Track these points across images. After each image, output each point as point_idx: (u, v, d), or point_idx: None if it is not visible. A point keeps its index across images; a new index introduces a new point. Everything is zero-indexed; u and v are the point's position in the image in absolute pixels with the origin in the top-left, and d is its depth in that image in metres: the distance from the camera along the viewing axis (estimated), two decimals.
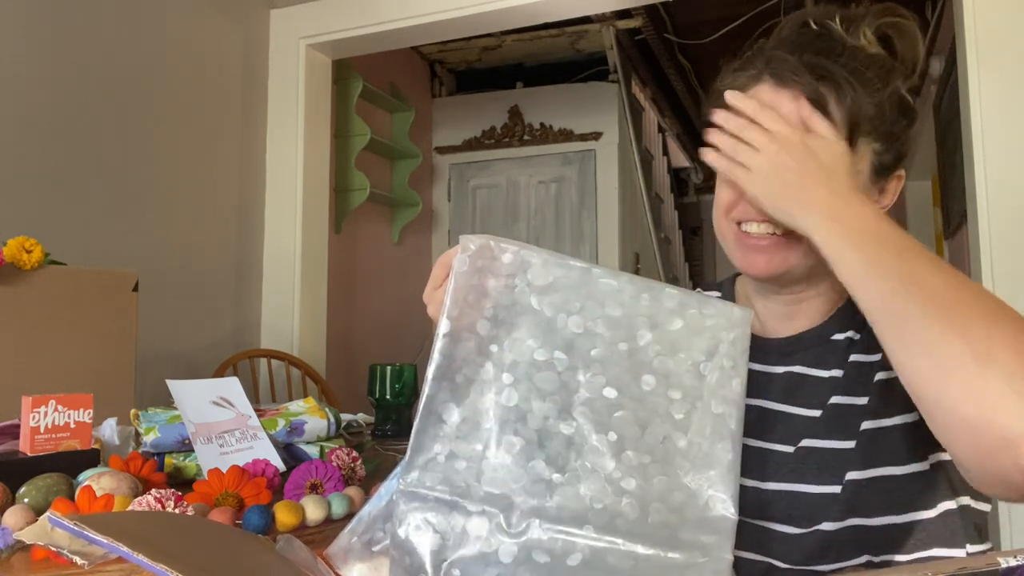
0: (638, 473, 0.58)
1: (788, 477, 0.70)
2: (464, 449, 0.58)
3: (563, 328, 0.61)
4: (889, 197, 0.75)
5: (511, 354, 0.60)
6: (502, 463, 0.58)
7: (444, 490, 0.57)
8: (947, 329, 0.53)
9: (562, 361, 0.60)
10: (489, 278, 0.61)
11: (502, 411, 0.59)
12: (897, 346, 0.56)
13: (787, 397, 0.73)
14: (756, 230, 0.71)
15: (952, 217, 3.44)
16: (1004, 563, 0.38)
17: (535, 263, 0.62)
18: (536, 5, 2.50)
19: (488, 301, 0.61)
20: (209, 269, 2.56)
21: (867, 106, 0.68)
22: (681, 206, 5.81)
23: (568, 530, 0.56)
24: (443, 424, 0.59)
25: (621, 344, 0.61)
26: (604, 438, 0.58)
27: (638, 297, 0.62)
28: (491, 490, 0.57)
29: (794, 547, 0.69)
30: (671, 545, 0.56)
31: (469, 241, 0.61)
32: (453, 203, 4.13)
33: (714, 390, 0.60)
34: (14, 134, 1.91)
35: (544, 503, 0.57)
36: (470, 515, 0.57)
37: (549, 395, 0.59)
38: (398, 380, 1.45)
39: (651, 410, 0.59)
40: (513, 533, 0.56)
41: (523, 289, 0.61)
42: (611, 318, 0.61)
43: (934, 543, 0.67)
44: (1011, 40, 1.87)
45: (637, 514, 0.57)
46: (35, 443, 0.88)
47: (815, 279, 0.73)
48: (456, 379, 0.60)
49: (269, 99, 2.86)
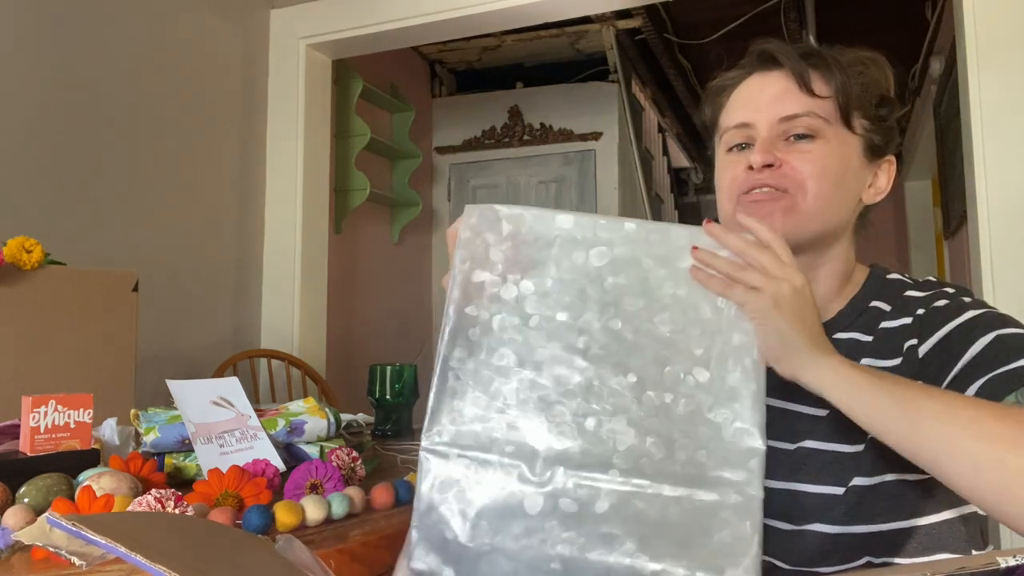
0: (661, 412, 0.57)
1: (787, 476, 0.70)
2: (483, 403, 0.59)
3: (573, 277, 0.61)
4: (884, 180, 0.77)
5: (523, 306, 0.61)
6: (522, 413, 0.58)
7: (467, 444, 0.58)
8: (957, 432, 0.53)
9: (575, 307, 0.60)
10: (492, 237, 0.62)
11: (518, 362, 0.59)
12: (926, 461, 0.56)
13: (787, 394, 0.73)
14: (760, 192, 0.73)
15: (952, 217, 3.44)
16: (1004, 563, 0.38)
17: (537, 218, 0.63)
18: (536, 5, 2.50)
19: (494, 258, 0.62)
20: (209, 269, 2.55)
21: (853, 85, 0.72)
22: (681, 206, 5.81)
23: (593, 475, 0.56)
24: (460, 380, 0.60)
25: (635, 284, 0.60)
26: (624, 380, 0.58)
27: (647, 237, 0.62)
28: (513, 441, 0.57)
29: (791, 546, 0.69)
30: (699, 484, 0.55)
31: (472, 208, 0.64)
32: (453, 203, 4.13)
33: (733, 322, 0.60)
34: (14, 134, 1.91)
35: (568, 450, 0.56)
36: (494, 467, 0.57)
37: (564, 342, 0.59)
38: (398, 380, 1.44)
39: (670, 347, 0.59)
40: (537, 482, 0.56)
41: (528, 243, 0.62)
42: (620, 260, 0.61)
43: (938, 548, 0.67)
44: (1011, 40, 1.87)
45: (663, 454, 0.56)
46: (35, 443, 0.88)
47: (814, 254, 0.75)
48: (470, 335, 0.60)
49: (269, 99, 2.86)
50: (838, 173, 0.72)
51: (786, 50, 0.73)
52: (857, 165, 0.74)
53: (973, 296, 0.71)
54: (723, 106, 0.79)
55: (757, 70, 0.76)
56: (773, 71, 0.74)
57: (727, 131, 0.77)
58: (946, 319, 0.68)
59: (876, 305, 0.75)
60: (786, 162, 0.72)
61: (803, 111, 0.72)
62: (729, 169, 0.76)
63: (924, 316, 0.70)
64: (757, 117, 0.74)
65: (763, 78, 0.75)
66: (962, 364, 0.64)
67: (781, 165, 0.72)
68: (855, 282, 0.78)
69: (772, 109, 0.73)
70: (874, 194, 0.77)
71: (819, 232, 0.73)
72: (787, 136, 0.73)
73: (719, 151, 0.80)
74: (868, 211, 0.80)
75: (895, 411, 0.56)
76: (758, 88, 0.75)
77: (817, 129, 0.72)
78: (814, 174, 0.71)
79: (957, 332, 0.66)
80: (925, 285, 0.75)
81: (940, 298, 0.71)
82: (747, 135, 0.75)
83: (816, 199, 0.71)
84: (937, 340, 0.67)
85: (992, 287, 1.83)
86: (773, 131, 0.73)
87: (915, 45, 3.65)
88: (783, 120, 0.73)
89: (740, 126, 0.75)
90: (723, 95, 0.80)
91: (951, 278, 3.84)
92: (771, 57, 0.74)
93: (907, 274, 0.78)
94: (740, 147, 0.76)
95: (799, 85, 0.72)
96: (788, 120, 0.72)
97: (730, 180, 0.76)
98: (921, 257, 4.83)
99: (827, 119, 0.72)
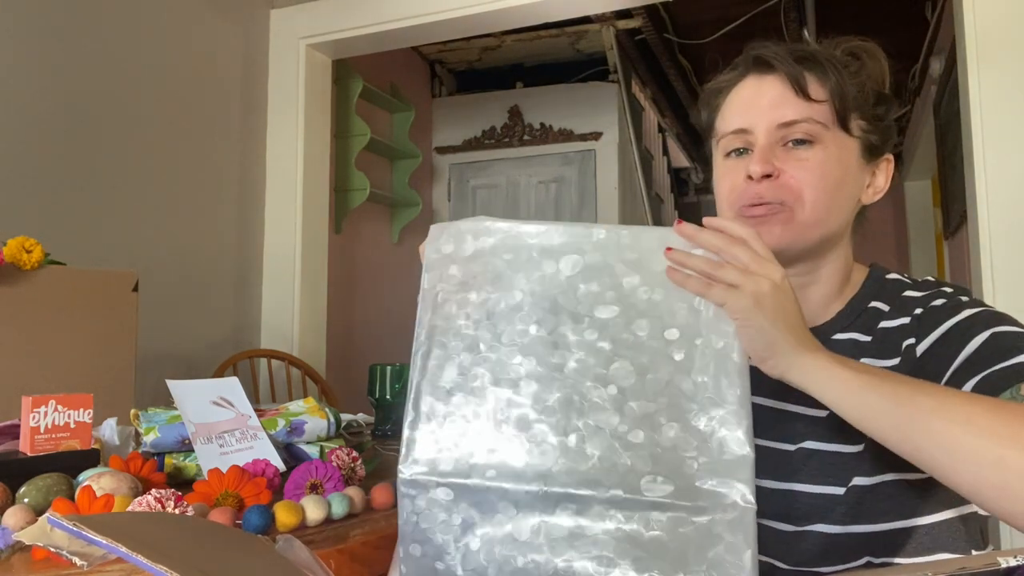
0: (645, 424, 0.55)
1: (787, 477, 0.70)
2: (460, 426, 0.57)
3: (543, 288, 0.59)
4: (882, 179, 0.77)
5: (494, 323, 0.59)
6: (501, 434, 0.56)
7: (446, 471, 0.55)
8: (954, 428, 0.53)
9: (547, 320, 0.58)
10: (457, 255, 0.61)
11: (493, 381, 0.57)
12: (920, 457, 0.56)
13: (786, 395, 0.72)
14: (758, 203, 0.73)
15: (952, 217, 3.44)
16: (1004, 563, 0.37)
17: (502, 230, 0.61)
18: (536, 5, 2.50)
19: (462, 276, 0.60)
20: (209, 269, 2.56)
21: (849, 86, 0.71)
22: (681, 206, 5.81)
23: (580, 493, 0.53)
24: (434, 405, 0.58)
25: (608, 292, 0.58)
26: (604, 392, 0.56)
27: (618, 242, 0.59)
28: (493, 464, 0.55)
29: (792, 546, 0.69)
30: (689, 497, 0.53)
31: (436, 227, 0.62)
32: (453, 203, 4.13)
33: (712, 324, 0.58)
34: (14, 134, 1.91)
35: (550, 469, 0.54)
36: (477, 493, 0.55)
37: (539, 357, 0.57)
38: (398, 380, 1.44)
39: (649, 355, 0.57)
40: (523, 504, 0.54)
41: (495, 257, 0.60)
42: (592, 267, 0.59)
43: (938, 548, 0.67)
44: (1011, 40, 1.87)
45: (649, 467, 0.54)
46: (35, 443, 0.88)
47: (815, 259, 0.75)
48: (441, 357, 0.59)
49: (269, 99, 2.86)
50: (837, 178, 0.72)
51: (780, 54, 0.73)
52: (855, 167, 0.74)
53: (971, 295, 0.71)
54: (719, 109, 0.79)
55: (752, 72, 0.76)
56: (768, 75, 0.74)
57: (724, 136, 0.77)
58: (943, 318, 0.68)
59: (875, 305, 0.75)
60: (784, 171, 0.72)
61: (800, 117, 0.72)
62: (728, 176, 0.76)
63: (922, 315, 0.70)
64: (754, 123, 0.74)
65: (759, 82, 0.75)
66: (959, 361, 0.64)
67: (780, 175, 0.71)
68: (854, 282, 0.78)
69: (769, 115, 0.73)
70: (872, 194, 0.77)
71: (819, 239, 0.73)
72: (785, 142, 0.73)
73: (717, 155, 0.80)
74: (865, 210, 0.80)
75: (888, 408, 0.55)
76: (754, 93, 0.75)
77: (815, 134, 0.72)
78: (812, 182, 0.71)
79: (954, 330, 0.66)
80: (923, 285, 0.75)
81: (938, 297, 0.71)
82: (745, 140, 0.75)
83: (815, 208, 0.71)
84: (935, 339, 0.67)
85: (992, 287, 1.83)
86: (771, 137, 0.73)
87: (915, 45, 3.65)
88: (781, 126, 0.72)
89: (737, 132, 0.75)
90: (719, 98, 0.79)
91: (951, 278, 3.85)
92: (765, 61, 0.74)
93: (906, 274, 0.78)
94: (738, 152, 0.76)
95: (795, 91, 0.72)
96: (786, 126, 0.72)
97: (729, 188, 0.75)
98: (921, 257, 4.83)
99: (824, 124, 0.72)
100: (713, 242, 0.60)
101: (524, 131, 4.02)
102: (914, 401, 0.55)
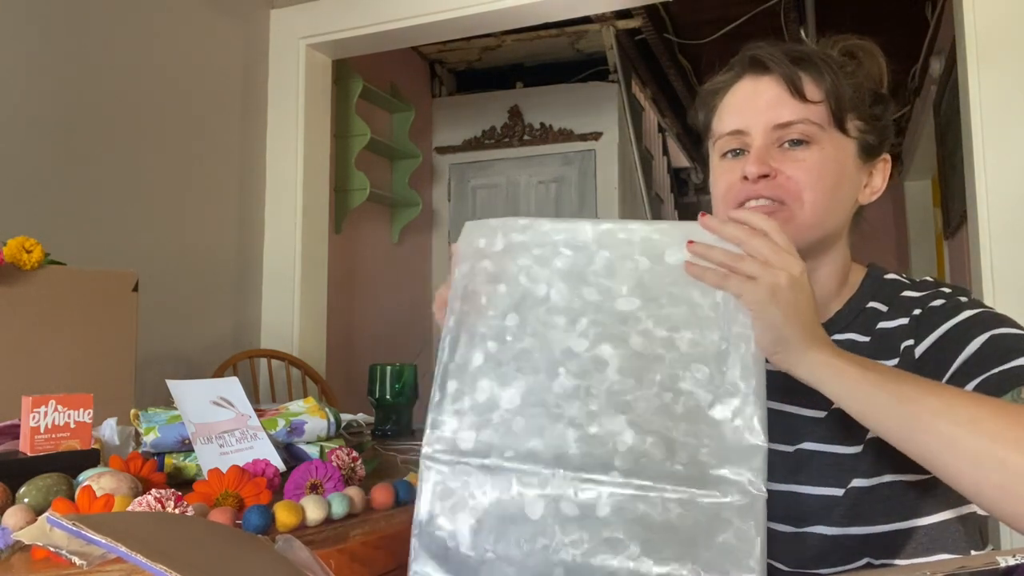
0: (660, 411, 0.57)
1: (786, 478, 0.70)
2: (482, 408, 0.59)
3: (569, 282, 0.62)
4: (880, 179, 0.77)
5: (521, 313, 0.62)
6: (521, 417, 0.58)
7: (467, 451, 0.58)
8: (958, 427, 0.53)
9: (571, 311, 0.61)
10: (489, 249, 0.64)
11: (517, 368, 0.60)
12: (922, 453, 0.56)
13: (786, 396, 0.73)
14: (756, 204, 0.73)
15: (952, 217, 3.44)
16: (1003, 562, 0.38)
17: (530, 227, 0.64)
18: (536, 5, 2.50)
19: (492, 269, 0.64)
20: (209, 269, 2.56)
21: (845, 86, 0.71)
22: (681, 206, 5.80)
23: (594, 477, 0.55)
24: (460, 387, 0.60)
25: (631, 285, 0.61)
26: (622, 380, 0.58)
27: (641, 236, 0.62)
28: (512, 445, 0.57)
29: (792, 548, 0.69)
30: (701, 484, 0.54)
31: (470, 224, 0.66)
32: (453, 203, 4.13)
33: (731, 315, 0.59)
34: (14, 134, 1.91)
35: (567, 452, 0.56)
36: (493, 472, 0.57)
37: (562, 346, 0.60)
38: (398, 380, 1.44)
39: (667, 345, 0.58)
40: (538, 486, 0.56)
41: (523, 252, 0.63)
42: (616, 261, 0.61)
43: (937, 549, 0.67)
44: (1011, 40, 1.87)
45: (663, 454, 0.55)
46: (35, 443, 0.88)
47: (812, 260, 0.75)
48: (469, 343, 0.62)
49: (269, 99, 2.86)
50: (834, 179, 0.72)
51: (776, 55, 0.73)
52: (852, 168, 0.74)
53: (970, 296, 0.71)
54: (716, 110, 0.79)
55: (748, 73, 0.76)
56: (764, 76, 0.74)
57: (721, 137, 0.77)
58: (942, 319, 0.68)
59: (873, 306, 0.75)
60: (781, 172, 0.72)
61: (797, 118, 0.72)
62: (724, 176, 0.76)
63: (921, 316, 0.70)
64: (750, 124, 0.74)
65: (755, 83, 0.75)
66: (958, 363, 0.64)
67: (776, 175, 0.71)
68: (852, 283, 0.78)
69: (765, 116, 0.73)
70: (870, 194, 0.77)
71: (817, 239, 0.73)
72: (781, 143, 0.73)
73: (713, 156, 0.80)
74: (863, 210, 0.80)
75: (893, 406, 0.55)
76: (751, 93, 0.75)
77: (811, 135, 0.72)
78: (809, 183, 0.71)
79: (953, 331, 0.66)
80: (922, 285, 0.75)
81: (937, 298, 0.71)
82: (741, 141, 0.75)
83: (813, 209, 0.71)
84: (934, 340, 0.67)
85: (992, 287, 1.83)
86: (767, 138, 0.73)
87: (915, 45, 3.65)
88: (777, 127, 0.72)
89: (734, 133, 0.75)
90: (715, 99, 0.79)
91: (951, 278, 3.85)
92: (761, 62, 0.74)
93: (905, 274, 0.78)
94: (735, 153, 0.76)
95: (790, 92, 0.72)
96: (782, 127, 0.72)
97: (725, 188, 0.75)
98: (921, 257, 4.83)
99: (821, 125, 0.72)
100: (735, 234, 0.61)
101: (524, 131, 4.02)
102: (920, 400, 0.55)
